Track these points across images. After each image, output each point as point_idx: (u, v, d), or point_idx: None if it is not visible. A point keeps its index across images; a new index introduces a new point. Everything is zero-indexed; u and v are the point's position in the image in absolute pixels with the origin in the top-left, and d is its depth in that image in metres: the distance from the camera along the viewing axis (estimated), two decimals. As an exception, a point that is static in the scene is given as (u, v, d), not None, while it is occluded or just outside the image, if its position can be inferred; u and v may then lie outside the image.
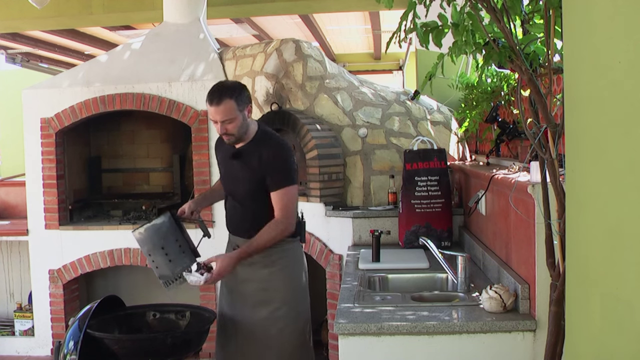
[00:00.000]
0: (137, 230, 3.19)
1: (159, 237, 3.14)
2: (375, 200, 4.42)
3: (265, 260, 3.14)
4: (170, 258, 3.13)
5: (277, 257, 3.17)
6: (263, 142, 3.14)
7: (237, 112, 3.03)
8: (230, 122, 3.04)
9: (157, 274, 3.18)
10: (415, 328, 2.50)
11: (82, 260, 5.23)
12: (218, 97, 3.02)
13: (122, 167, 5.95)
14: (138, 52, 5.38)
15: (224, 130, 3.06)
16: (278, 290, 3.19)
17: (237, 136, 3.09)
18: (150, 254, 3.17)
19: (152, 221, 3.20)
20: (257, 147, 3.12)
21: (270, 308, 3.17)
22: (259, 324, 3.17)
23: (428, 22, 2.21)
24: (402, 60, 10.56)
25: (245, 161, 3.14)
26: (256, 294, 3.18)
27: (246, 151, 3.14)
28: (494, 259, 3.06)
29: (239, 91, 3.07)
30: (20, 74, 9.75)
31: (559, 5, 1.93)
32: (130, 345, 3.18)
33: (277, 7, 6.46)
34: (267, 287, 3.18)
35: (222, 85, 3.13)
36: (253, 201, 3.15)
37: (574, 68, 1.49)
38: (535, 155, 2.32)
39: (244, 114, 3.07)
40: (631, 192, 1.21)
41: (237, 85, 3.13)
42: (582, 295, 1.48)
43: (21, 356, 5.45)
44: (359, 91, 4.60)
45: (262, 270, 3.16)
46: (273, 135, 3.24)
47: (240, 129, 3.08)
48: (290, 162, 3.13)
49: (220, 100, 3.01)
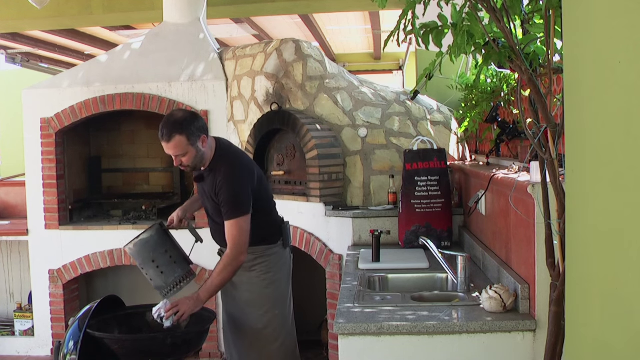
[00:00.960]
0: (127, 246, 3.24)
1: (148, 251, 3.20)
2: (375, 200, 4.42)
3: (246, 265, 3.21)
4: (161, 270, 3.19)
5: (258, 262, 3.28)
6: (218, 168, 3.13)
7: (189, 146, 3.03)
8: (183, 155, 3.06)
9: (153, 285, 3.25)
10: (415, 328, 2.50)
11: (82, 260, 5.23)
12: (167, 134, 3.01)
13: (122, 167, 5.95)
14: (138, 52, 5.38)
15: (179, 163, 3.09)
16: (255, 294, 3.29)
17: (192, 167, 3.13)
18: (143, 268, 3.24)
19: (139, 236, 3.23)
20: (213, 173, 3.15)
21: (253, 310, 3.29)
22: (245, 324, 3.31)
23: (428, 22, 2.21)
24: (402, 60, 10.56)
25: (206, 185, 3.20)
26: (241, 297, 3.30)
27: (206, 176, 3.20)
28: (494, 259, 3.06)
29: (188, 124, 3.03)
30: (20, 74, 9.75)
31: (559, 5, 1.93)
32: (130, 345, 3.18)
33: (277, 7, 6.45)
34: (247, 289, 3.29)
35: (171, 117, 3.09)
36: (222, 218, 3.18)
37: (574, 68, 1.49)
38: (535, 155, 2.32)
39: (198, 145, 3.06)
40: (631, 192, 1.21)
41: (187, 118, 3.07)
42: (582, 295, 1.48)
43: (21, 356, 5.45)
44: (359, 91, 4.60)
45: (244, 273, 3.25)
46: (229, 159, 3.16)
47: (195, 160, 3.09)
48: (237, 192, 3.08)
49: (170, 137, 3.01)
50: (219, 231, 3.26)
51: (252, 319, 3.29)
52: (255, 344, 3.30)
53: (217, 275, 3.06)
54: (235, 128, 5.01)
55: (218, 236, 3.32)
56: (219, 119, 5.10)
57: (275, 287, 3.34)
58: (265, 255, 3.30)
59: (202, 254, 3.48)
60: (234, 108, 5.03)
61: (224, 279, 3.08)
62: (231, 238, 3.07)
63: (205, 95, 5.12)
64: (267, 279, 3.30)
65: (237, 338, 3.36)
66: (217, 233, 3.30)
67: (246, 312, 3.30)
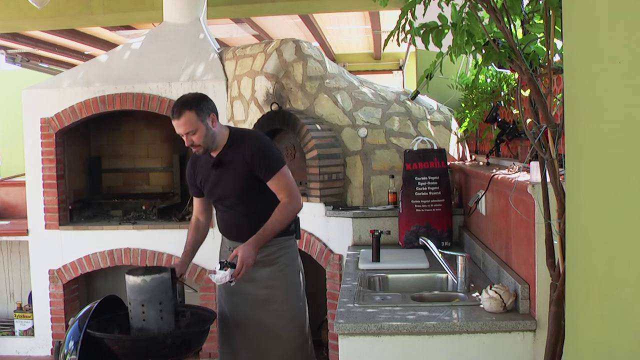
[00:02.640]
0: (141, 277, 3.08)
1: (160, 291, 3.10)
2: (375, 200, 4.42)
3: (265, 260, 3.16)
4: (162, 315, 3.09)
5: (278, 255, 3.21)
6: (239, 141, 3.15)
7: (199, 122, 3.05)
8: (193, 133, 3.06)
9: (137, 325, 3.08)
10: (415, 328, 2.50)
11: (82, 260, 5.23)
12: (178, 111, 3.05)
13: (122, 167, 5.96)
14: (138, 52, 5.38)
15: (190, 142, 3.09)
16: (280, 288, 3.23)
17: (205, 146, 3.11)
18: (143, 304, 3.08)
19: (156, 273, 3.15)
20: (235, 148, 3.14)
21: (273, 306, 3.21)
22: (263, 322, 3.22)
23: (428, 22, 2.21)
24: (402, 60, 10.56)
25: (228, 166, 3.15)
26: (258, 293, 3.21)
27: (225, 156, 3.16)
28: (494, 259, 3.06)
29: (197, 101, 3.08)
30: (20, 74, 9.75)
31: (559, 5, 1.93)
32: (130, 345, 3.18)
33: (277, 7, 6.45)
34: (269, 285, 3.21)
35: (181, 98, 3.14)
36: (244, 204, 3.17)
37: (574, 68, 1.49)
38: (535, 155, 2.32)
39: (207, 123, 3.08)
40: (631, 192, 1.21)
41: (197, 96, 3.15)
42: (582, 295, 1.48)
43: (21, 356, 5.45)
44: (359, 91, 4.60)
45: (263, 269, 3.18)
46: (247, 131, 3.31)
47: (206, 139, 3.09)
48: (274, 148, 3.21)
49: (180, 113, 3.04)
50: (236, 222, 3.20)
51: (274, 315, 3.20)
52: (278, 341, 3.21)
53: (274, 220, 3.04)
54: (235, 128, 5.01)
55: (233, 229, 3.24)
56: (219, 119, 5.09)
57: (296, 280, 3.28)
58: (285, 247, 3.23)
59: (202, 254, 3.46)
60: (234, 108, 5.03)
61: (282, 224, 3.07)
62: (284, 188, 3.09)
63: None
64: (288, 273, 3.24)
65: (255, 337, 3.23)
66: (232, 225, 3.23)
67: (267, 309, 3.20)
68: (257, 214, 3.12)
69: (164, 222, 5.35)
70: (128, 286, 3.12)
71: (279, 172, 3.10)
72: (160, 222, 5.36)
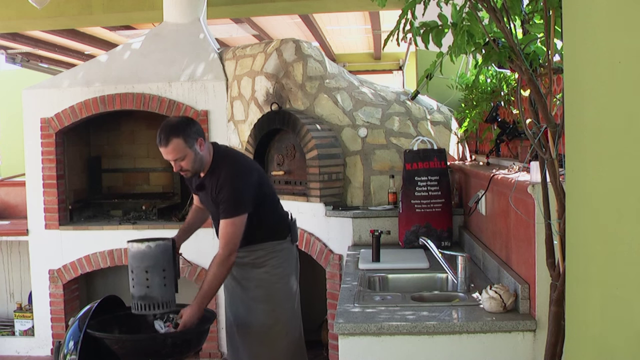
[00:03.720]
0: (146, 244, 3.11)
1: (164, 259, 3.11)
2: (375, 200, 4.42)
3: (254, 262, 3.26)
4: (165, 282, 3.11)
5: (267, 258, 3.30)
6: (217, 171, 3.16)
7: (187, 148, 3.05)
8: (182, 159, 3.07)
9: (140, 293, 3.10)
10: (415, 328, 2.50)
11: (82, 260, 5.23)
12: (165, 138, 3.04)
13: (122, 167, 5.95)
14: (138, 52, 5.38)
15: (179, 168, 3.11)
16: (267, 289, 3.31)
17: (193, 171, 3.14)
18: (147, 271, 3.10)
19: (159, 239, 3.16)
20: (212, 177, 3.16)
21: (263, 307, 3.30)
22: (252, 322, 3.31)
23: (428, 22, 2.21)
24: (402, 60, 10.56)
25: (207, 191, 3.21)
26: (251, 292, 3.31)
27: (206, 182, 3.20)
28: (494, 259, 3.06)
29: (184, 127, 3.07)
30: (20, 74, 9.75)
31: (559, 5, 1.93)
32: (130, 345, 3.18)
33: (277, 7, 6.45)
34: (259, 285, 3.30)
35: (168, 123, 3.14)
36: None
37: (574, 68, 1.49)
38: (535, 155, 2.31)
39: (195, 148, 3.08)
40: (631, 192, 1.21)
41: (183, 121, 3.14)
42: (582, 295, 1.48)
43: (21, 356, 5.45)
44: (359, 91, 4.60)
45: (252, 270, 3.29)
46: (227, 160, 3.19)
47: (195, 164, 3.11)
48: (237, 190, 3.10)
49: (167, 140, 3.04)
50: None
51: (262, 316, 3.29)
52: (266, 340, 3.31)
53: (210, 279, 3.08)
54: (235, 128, 5.01)
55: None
56: (219, 119, 5.11)
57: (285, 282, 3.35)
58: (276, 251, 3.31)
59: (202, 254, 3.48)
60: (234, 108, 5.03)
61: (219, 281, 3.10)
62: (224, 236, 3.07)
63: (205, 95, 5.12)
64: (277, 275, 3.31)
65: (246, 336, 3.35)
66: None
67: (255, 309, 3.30)
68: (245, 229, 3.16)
69: (164, 222, 5.34)
70: (131, 254, 3.13)
71: (229, 219, 3.07)
72: (160, 222, 5.36)
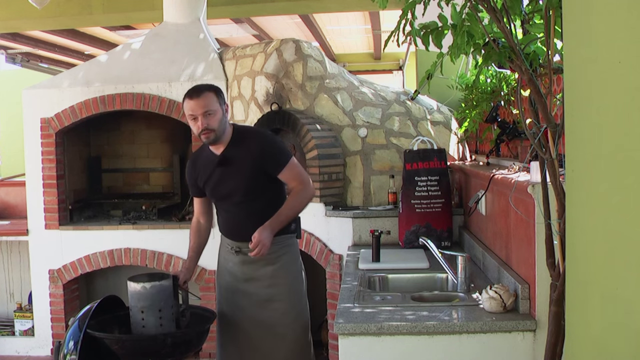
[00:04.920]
0: (141, 284, 3.10)
1: (160, 299, 3.11)
2: (375, 200, 4.42)
3: (268, 258, 3.14)
4: (161, 323, 3.11)
5: (281, 254, 3.19)
6: (245, 137, 3.15)
7: (218, 105, 3.05)
8: (212, 114, 3.02)
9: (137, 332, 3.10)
10: (415, 328, 2.50)
11: (82, 260, 5.23)
12: (198, 90, 3.05)
13: (122, 167, 5.95)
14: (138, 52, 5.38)
15: (204, 125, 3.01)
16: (282, 287, 3.21)
17: (218, 132, 3.06)
18: (143, 311, 3.10)
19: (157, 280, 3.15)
20: (241, 144, 3.12)
21: (275, 305, 3.20)
22: (268, 322, 3.19)
23: (428, 23, 2.21)
24: (402, 60, 10.56)
25: (234, 163, 3.13)
26: (260, 292, 3.20)
27: (231, 153, 3.13)
28: (494, 259, 3.06)
29: (215, 87, 3.13)
30: (20, 74, 9.75)
31: (559, 5, 1.93)
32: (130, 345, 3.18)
33: (277, 7, 6.45)
34: (271, 284, 3.19)
35: (199, 84, 3.18)
36: (249, 202, 3.15)
37: (574, 68, 1.49)
38: (535, 155, 2.32)
39: (223, 109, 3.09)
40: (631, 192, 1.21)
41: (213, 84, 3.20)
42: (582, 295, 1.48)
43: (21, 356, 5.45)
44: (359, 91, 4.60)
45: (265, 267, 3.18)
46: (251, 128, 3.37)
47: (221, 124, 3.06)
48: (280, 141, 3.28)
49: (200, 92, 3.03)
50: (239, 221, 3.17)
51: (279, 314, 3.18)
52: (285, 339, 3.19)
53: (291, 206, 3.10)
54: (235, 128, 5.01)
55: (236, 228, 3.21)
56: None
57: (301, 277, 3.28)
58: (287, 245, 3.22)
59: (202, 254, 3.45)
60: (234, 108, 5.03)
61: (295, 211, 3.12)
62: (297, 176, 3.14)
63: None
64: (291, 271, 3.23)
65: (259, 338, 3.21)
66: (236, 225, 3.21)
67: (271, 308, 3.19)
68: (261, 212, 3.11)
69: (164, 222, 5.34)
70: (129, 292, 3.13)
71: (289, 163, 3.12)
72: (160, 222, 5.36)
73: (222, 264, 3.35)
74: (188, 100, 3.05)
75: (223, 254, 3.34)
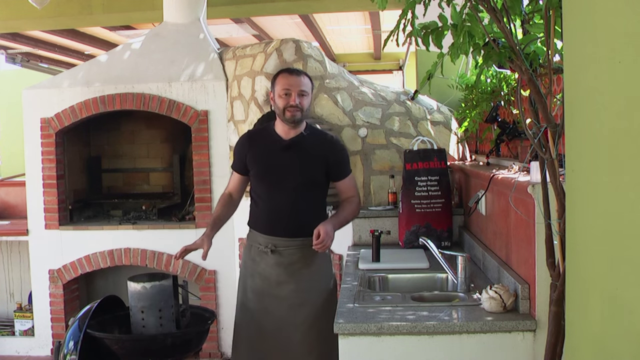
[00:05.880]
0: (141, 284, 3.11)
1: (160, 299, 3.11)
2: (375, 200, 4.42)
3: (306, 260, 3.08)
4: (161, 322, 3.11)
5: (317, 257, 3.11)
6: (319, 134, 3.26)
7: (310, 91, 3.16)
8: (305, 96, 3.11)
9: (137, 331, 3.11)
10: (415, 328, 2.50)
11: (82, 260, 5.23)
12: (298, 71, 3.19)
13: (122, 167, 5.96)
14: (138, 52, 5.38)
15: (297, 102, 3.06)
16: (316, 291, 3.11)
17: (303, 113, 3.12)
18: (143, 311, 3.13)
19: (157, 280, 3.14)
20: (314, 138, 3.18)
21: (308, 309, 3.08)
22: (298, 326, 3.07)
23: (428, 23, 2.21)
24: (402, 60, 10.56)
25: (303, 151, 3.12)
26: (293, 296, 3.08)
27: (301, 141, 3.13)
28: (494, 259, 3.06)
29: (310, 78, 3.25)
30: (20, 74, 9.75)
31: (559, 5, 1.93)
32: (130, 345, 3.18)
33: (277, 7, 6.45)
34: (305, 287, 3.09)
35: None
36: (303, 192, 3.10)
37: (574, 68, 1.49)
38: (535, 155, 2.32)
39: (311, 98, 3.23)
40: (631, 192, 1.21)
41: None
42: (582, 295, 1.48)
43: (21, 356, 5.45)
44: (359, 91, 4.60)
45: (301, 270, 3.09)
46: (325, 130, 3.52)
47: (307, 109, 3.17)
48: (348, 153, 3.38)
49: (300, 73, 3.16)
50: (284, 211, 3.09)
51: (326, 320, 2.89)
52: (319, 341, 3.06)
53: (348, 213, 3.17)
54: (235, 128, 5.01)
55: (278, 218, 3.10)
56: (219, 119, 5.10)
57: (335, 283, 3.22)
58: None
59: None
60: (234, 108, 5.03)
61: (351, 217, 3.25)
62: (355, 187, 3.28)
63: (205, 95, 5.12)
64: (327, 276, 3.17)
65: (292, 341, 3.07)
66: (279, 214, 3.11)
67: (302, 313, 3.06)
68: (306, 208, 3.10)
69: (164, 222, 5.34)
70: (129, 292, 3.14)
71: (351, 174, 3.27)
72: (160, 222, 5.36)
73: (249, 267, 3.19)
74: (287, 75, 3.12)
75: (252, 256, 3.17)
